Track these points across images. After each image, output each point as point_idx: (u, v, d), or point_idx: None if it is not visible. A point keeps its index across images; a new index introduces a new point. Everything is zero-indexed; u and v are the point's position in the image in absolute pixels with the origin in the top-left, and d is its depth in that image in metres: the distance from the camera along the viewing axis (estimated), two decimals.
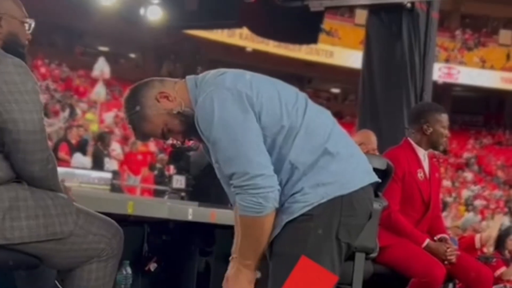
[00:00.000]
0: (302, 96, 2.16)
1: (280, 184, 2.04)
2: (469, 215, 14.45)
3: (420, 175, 3.49)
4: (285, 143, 2.04)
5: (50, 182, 2.18)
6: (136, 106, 2.11)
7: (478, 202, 20.55)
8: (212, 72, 2.15)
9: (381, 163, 2.76)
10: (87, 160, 9.02)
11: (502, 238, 8.78)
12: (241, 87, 2.03)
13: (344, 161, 2.07)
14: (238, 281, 2.10)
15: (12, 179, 2.12)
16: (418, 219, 3.48)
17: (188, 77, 2.15)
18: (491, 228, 7.05)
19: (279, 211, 2.05)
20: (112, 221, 2.30)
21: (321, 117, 2.14)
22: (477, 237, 7.74)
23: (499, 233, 9.96)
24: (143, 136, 2.20)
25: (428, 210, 3.50)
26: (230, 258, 2.23)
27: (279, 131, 2.04)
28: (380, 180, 2.22)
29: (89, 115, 12.23)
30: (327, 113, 2.20)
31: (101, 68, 15.08)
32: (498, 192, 23.06)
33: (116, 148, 10.49)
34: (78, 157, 8.70)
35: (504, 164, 26.38)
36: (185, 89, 2.12)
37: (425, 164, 3.54)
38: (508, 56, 26.65)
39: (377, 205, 2.59)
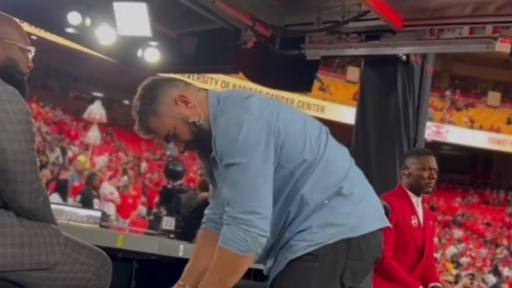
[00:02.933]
0: (325, 130, 2.11)
1: (287, 217, 1.98)
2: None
3: (414, 221, 3.48)
4: (302, 177, 1.98)
5: (41, 215, 2.11)
6: (152, 99, 2.01)
7: (464, 260, 20.47)
8: (236, 92, 2.08)
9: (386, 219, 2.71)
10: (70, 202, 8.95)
11: None
12: (268, 116, 1.96)
13: (356, 204, 2.01)
14: None
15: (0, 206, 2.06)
16: (411, 266, 3.45)
17: (210, 90, 2.08)
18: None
19: (283, 247, 1.99)
20: (101, 251, 2.26)
21: (339, 155, 2.09)
22: None
23: None
24: (146, 130, 2.06)
25: (422, 257, 3.47)
26: (176, 285, 2.12)
27: (299, 165, 1.98)
28: (391, 226, 2.17)
29: (81, 157, 12.15)
30: (345, 151, 2.15)
31: (97, 111, 14.99)
32: (484, 250, 23.00)
33: (114, 191, 10.44)
34: (54, 198, 8.59)
35: (490, 223, 26.42)
36: (205, 102, 2.03)
37: (419, 210, 3.53)
38: (508, 121, 27.01)
39: None
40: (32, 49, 2.21)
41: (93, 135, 14.65)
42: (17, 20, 2.27)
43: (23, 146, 2.01)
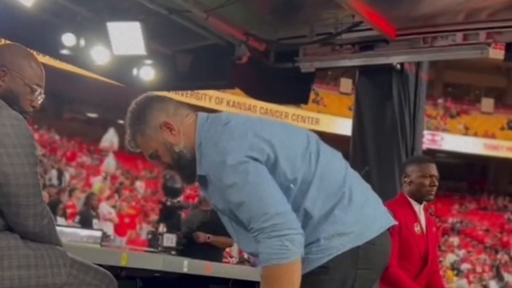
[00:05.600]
0: (314, 138, 2.10)
1: None
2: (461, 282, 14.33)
3: (417, 229, 3.47)
4: (300, 192, 1.96)
5: (46, 238, 2.11)
6: (140, 119, 2.06)
7: (464, 266, 20.43)
8: (217, 118, 2.08)
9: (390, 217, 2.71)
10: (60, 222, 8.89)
11: None
12: (250, 138, 1.95)
13: (359, 209, 2.00)
14: None
15: (5, 228, 2.06)
16: (416, 273, 3.43)
17: (199, 116, 2.09)
18: None
19: None
20: (107, 271, 2.26)
21: (334, 162, 2.08)
22: None
23: None
24: (134, 146, 2.11)
25: (426, 264, 3.46)
26: None
27: (293, 180, 1.95)
28: (396, 223, 2.15)
29: (97, 187, 12.00)
30: (339, 156, 2.14)
31: (111, 139, 14.82)
32: (483, 256, 22.98)
33: (111, 211, 10.42)
34: None
35: (488, 229, 26.43)
36: (193, 128, 2.06)
37: (422, 218, 3.52)
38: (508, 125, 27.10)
39: None
40: (39, 89, 2.19)
41: (107, 163, 14.46)
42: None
43: (25, 169, 2.01)
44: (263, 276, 1.86)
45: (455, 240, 24.58)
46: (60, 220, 9.08)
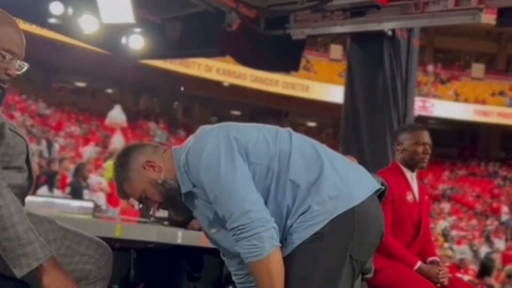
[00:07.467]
0: (284, 130, 2.16)
1: (287, 211, 2.00)
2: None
3: (409, 197, 3.46)
4: (281, 167, 2.01)
5: None
6: (123, 166, 2.16)
7: (455, 233, 20.64)
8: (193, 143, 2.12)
9: (376, 181, 2.69)
10: (56, 194, 8.88)
11: (486, 266, 8.78)
12: (227, 132, 2.04)
13: (345, 173, 2.04)
14: None
15: None
16: (408, 242, 3.44)
17: (173, 148, 2.17)
18: None
19: (289, 233, 1.99)
20: (101, 241, 2.23)
21: (308, 143, 2.13)
22: None
23: (481, 262, 9.99)
24: (124, 195, 2.20)
25: (419, 232, 3.46)
26: None
27: (272, 158, 2.02)
28: (383, 187, 2.15)
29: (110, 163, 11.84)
30: (314, 141, 2.18)
31: (117, 116, 14.55)
32: (474, 222, 23.22)
33: (101, 181, 10.39)
34: (43, 191, 8.52)
35: (479, 195, 26.66)
36: (171, 160, 2.13)
37: (414, 186, 3.52)
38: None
39: None
40: (11, 56, 2.05)
41: (117, 140, 14.24)
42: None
43: None
44: (250, 271, 2.02)
45: (445, 206, 24.79)
46: (57, 192, 9.04)
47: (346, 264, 1.97)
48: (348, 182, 2.02)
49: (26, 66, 2.13)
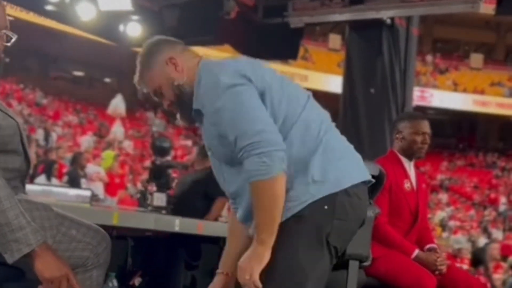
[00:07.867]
0: (305, 93, 2.11)
1: None
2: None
3: (407, 185, 3.45)
4: (281, 132, 1.95)
5: None
6: (149, 54, 2.14)
7: (453, 223, 20.68)
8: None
9: (374, 169, 2.67)
10: (54, 183, 8.86)
11: (477, 256, 8.81)
12: (245, 71, 1.99)
13: (337, 158, 2.00)
14: (249, 260, 1.91)
15: None
16: (406, 230, 3.43)
17: (204, 59, 2.15)
18: None
19: None
20: (99, 228, 2.22)
21: (320, 113, 2.09)
22: None
23: (475, 252, 10.02)
24: (140, 80, 2.17)
25: (416, 221, 3.45)
26: (217, 271, 2.16)
27: (277, 118, 1.97)
28: (373, 180, 2.14)
29: (107, 153, 11.74)
30: (327, 113, 2.15)
31: (117, 105, 14.39)
32: (472, 213, 23.25)
33: (99, 170, 10.38)
34: (41, 180, 8.50)
35: (477, 186, 26.68)
36: (196, 67, 2.10)
37: (412, 174, 3.50)
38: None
39: (370, 213, 2.52)
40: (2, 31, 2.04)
41: (118, 130, 14.12)
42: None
43: None
44: (251, 192, 1.94)
45: (443, 197, 24.81)
46: (55, 181, 9.03)
47: (324, 250, 1.94)
48: (337, 167, 1.98)
49: (14, 37, 2.11)
